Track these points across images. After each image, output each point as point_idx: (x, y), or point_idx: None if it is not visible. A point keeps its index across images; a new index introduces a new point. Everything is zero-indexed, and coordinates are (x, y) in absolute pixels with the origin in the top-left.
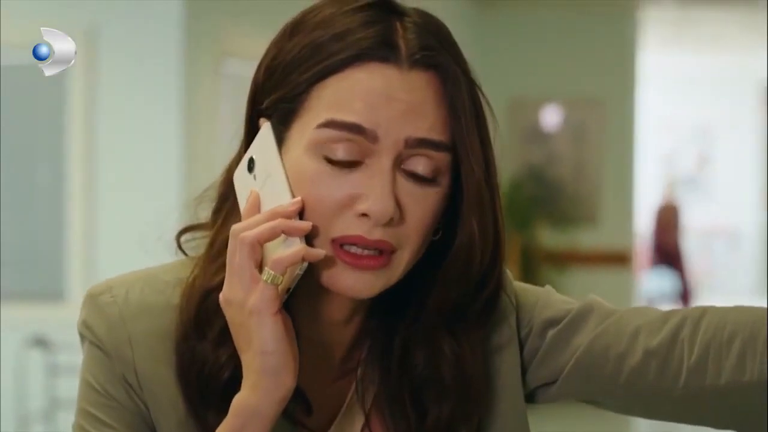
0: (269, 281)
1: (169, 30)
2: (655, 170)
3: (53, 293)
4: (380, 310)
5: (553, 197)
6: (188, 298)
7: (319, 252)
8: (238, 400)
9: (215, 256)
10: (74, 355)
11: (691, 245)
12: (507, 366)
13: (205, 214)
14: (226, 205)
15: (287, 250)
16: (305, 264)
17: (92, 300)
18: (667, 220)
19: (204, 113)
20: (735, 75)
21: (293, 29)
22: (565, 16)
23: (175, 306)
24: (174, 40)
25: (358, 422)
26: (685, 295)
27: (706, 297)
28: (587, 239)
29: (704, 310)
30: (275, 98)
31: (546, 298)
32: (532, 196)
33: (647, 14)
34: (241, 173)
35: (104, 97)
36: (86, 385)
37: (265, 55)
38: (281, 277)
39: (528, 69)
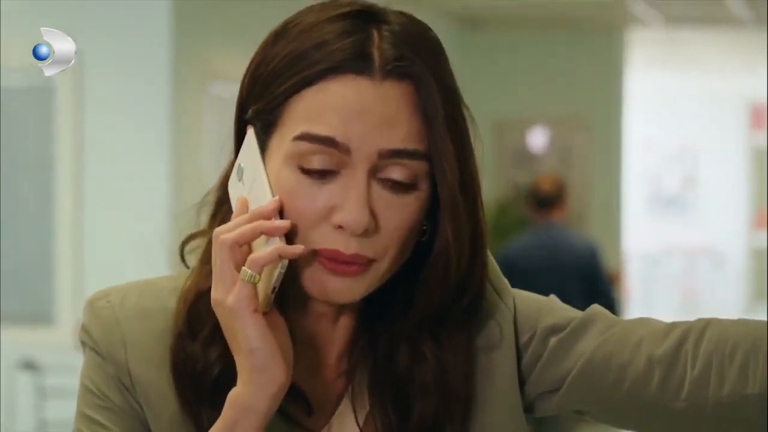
0: (246, 280)
1: (157, 52)
2: (641, 190)
3: (42, 316)
4: (371, 310)
5: None
6: (182, 300)
7: (297, 248)
8: (232, 395)
9: (208, 259)
10: (63, 378)
11: (675, 265)
12: (499, 368)
13: (205, 218)
14: (222, 209)
15: (265, 249)
16: (285, 262)
17: (90, 306)
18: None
19: (191, 135)
20: (721, 95)
21: (276, 37)
22: (552, 37)
23: (170, 309)
24: (161, 62)
25: (351, 424)
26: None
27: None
28: None
29: (708, 322)
30: (257, 108)
31: (549, 306)
32: (519, 217)
33: (633, 35)
34: (233, 181)
35: (92, 118)
36: (84, 389)
37: (251, 62)
38: (258, 276)
39: (514, 90)
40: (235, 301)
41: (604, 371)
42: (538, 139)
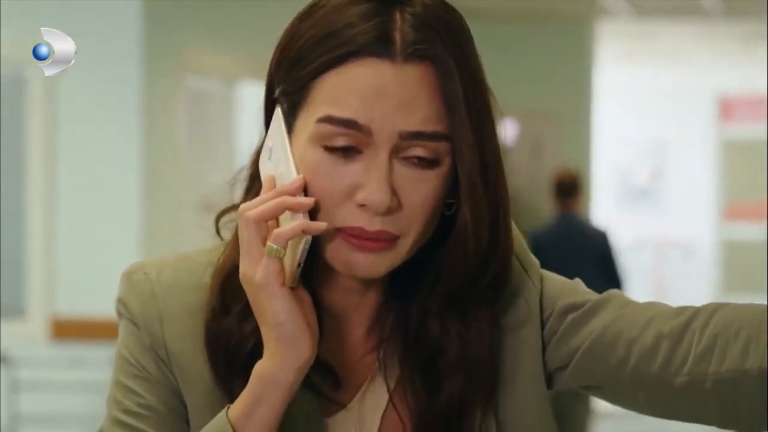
0: (271, 255)
1: (129, 46)
2: (611, 183)
3: (14, 309)
4: (399, 285)
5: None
6: (216, 276)
7: (320, 224)
8: (258, 368)
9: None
10: (36, 371)
11: (645, 257)
12: (526, 345)
13: (239, 194)
14: (254, 186)
15: (289, 224)
16: (309, 237)
17: (127, 278)
18: None
19: (164, 128)
20: (690, 88)
21: (301, 18)
22: (521, 30)
23: (205, 285)
24: (133, 56)
25: (381, 397)
26: None
27: None
28: None
29: (719, 306)
30: (284, 88)
31: (572, 287)
32: None
33: (603, 27)
34: (263, 159)
35: (64, 112)
36: (121, 359)
37: (279, 43)
38: (283, 251)
39: None
40: (263, 275)
41: (612, 347)
42: (507, 131)
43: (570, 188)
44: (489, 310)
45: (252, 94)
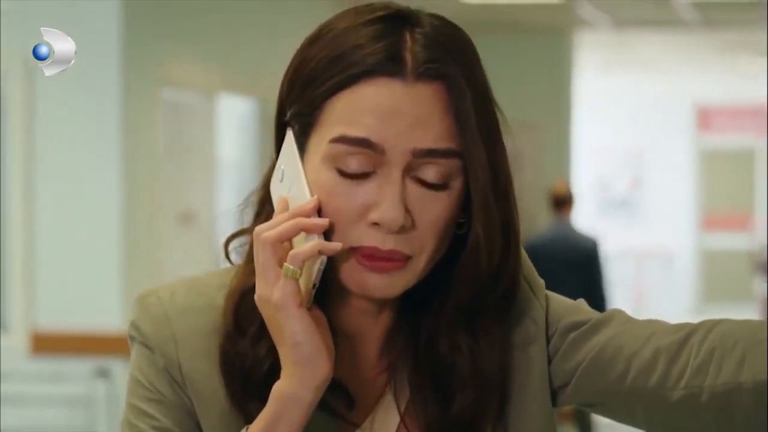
0: (288, 275)
1: (107, 59)
2: (590, 193)
3: None
4: (410, 305)
5: None
6: (229, 298)
7: (336, 245)
8: (276, 388)
9: (251, 257)
10: (17, 385)
11: (625, 267)
12: (534, 363)
13: (248, 218)
14: (264, 209)
15: (305, 245)
16: (324, 258)
17: (140, 302)
18: None
19: (143, 141)
20: (668, 98)
21: (312, 41)
22: (499, 41)
23: (218, 306)
24: (112, 69)
25: (393, 416)
26: None
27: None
28: None
29: (717, 321)
30: (295, 111)
31: (576, 307)
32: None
33: (582, 38)
34: (274, 182)
35: (42, 124)
36: (135, 382)
37: (289, 65)
38: (300, 271)
39: None
40: (280, 296)
41: (612, 362)
42: None
43: (564, 198)
44: (498, 326)
45: (231, 106)
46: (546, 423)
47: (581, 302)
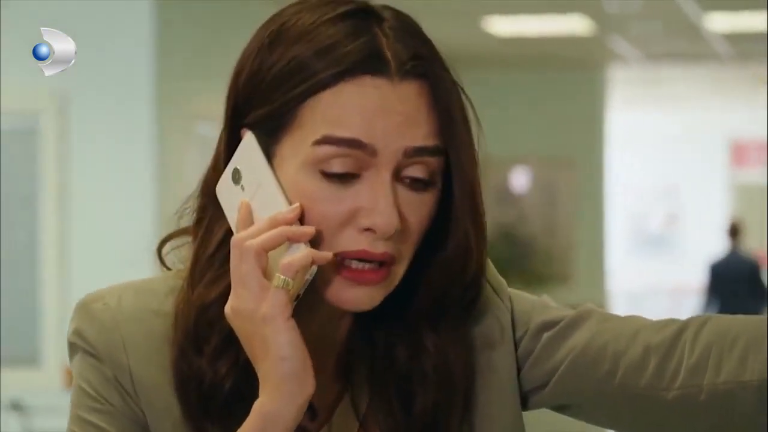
0: (281, 286)
1: (140, 93)
2: (624, 228)
3: (28, 358)
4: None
5: (524, 257)
6: (183, 313)
7: (326, 254)
8: (258, 407)
9: (205, 269)
10: (50, 420)
11: (660, 303)
12: (501, 364)
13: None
14: (206, 215)
15: (297, 254)
16: (314, 268)
17: (84, 308)
18: None
19: (175, 175)
20: (701, 132)
21: (273, 40)
22: (532, 76)
23: (167, 313)
24: (145, 104)
25: (352, 422)
26: None
27: None
28: (560, 298)
29: (708, 317)
30: (261, 114)
31: (543, 304)
32: (504, 256)
33: (615, 73)
34: (225, 185)
35: (76, 160)
36: (80, 392)
37: (243, 64)
38: (292, 282)
39: (496, 129)
40: (270, 308)
41: (597, 362)
42: (520, 178)
43: (736, 230)
44: (463, 326)
45: None
46: (514, 427)
47: (546, 298)
